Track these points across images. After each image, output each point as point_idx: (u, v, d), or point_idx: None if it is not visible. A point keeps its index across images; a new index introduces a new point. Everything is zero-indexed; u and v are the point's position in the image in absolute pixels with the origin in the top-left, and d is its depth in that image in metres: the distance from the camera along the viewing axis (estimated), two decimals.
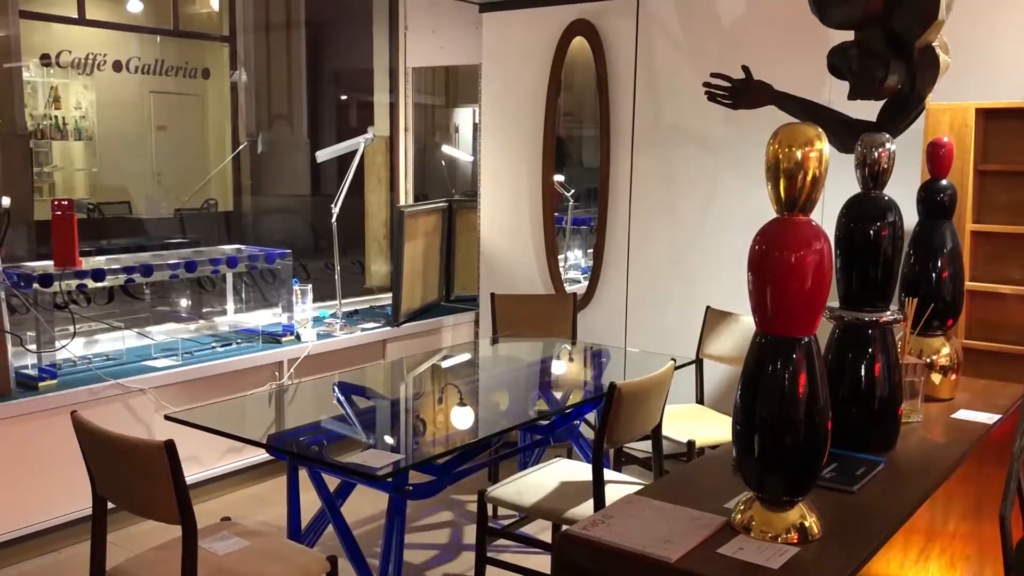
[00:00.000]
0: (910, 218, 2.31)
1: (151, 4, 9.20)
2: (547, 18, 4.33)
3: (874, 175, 2.06)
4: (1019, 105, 2.85)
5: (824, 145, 1.57)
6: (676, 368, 2.86)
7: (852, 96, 2.68)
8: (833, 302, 2.00)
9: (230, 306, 4.34)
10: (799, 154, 1.54)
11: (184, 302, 4.51)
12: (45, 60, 8.14)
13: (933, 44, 2.51)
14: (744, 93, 3.11)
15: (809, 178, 1.55)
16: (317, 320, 4.34)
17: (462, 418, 2.97)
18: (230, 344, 4.01)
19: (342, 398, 3.24)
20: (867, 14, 2.60)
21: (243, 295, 4.36)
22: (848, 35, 2.69)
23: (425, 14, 4.92)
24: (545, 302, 4.24)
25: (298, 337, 4.11)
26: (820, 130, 1.58)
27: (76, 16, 8.38)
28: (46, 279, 3.32)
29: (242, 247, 4.21)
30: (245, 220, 9.30)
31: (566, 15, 4.27)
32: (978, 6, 3.07)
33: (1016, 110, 2.83)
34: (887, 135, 2.09)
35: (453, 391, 3.33)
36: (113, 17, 8.85)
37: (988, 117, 2.85)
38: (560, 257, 4.65)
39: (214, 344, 3.98)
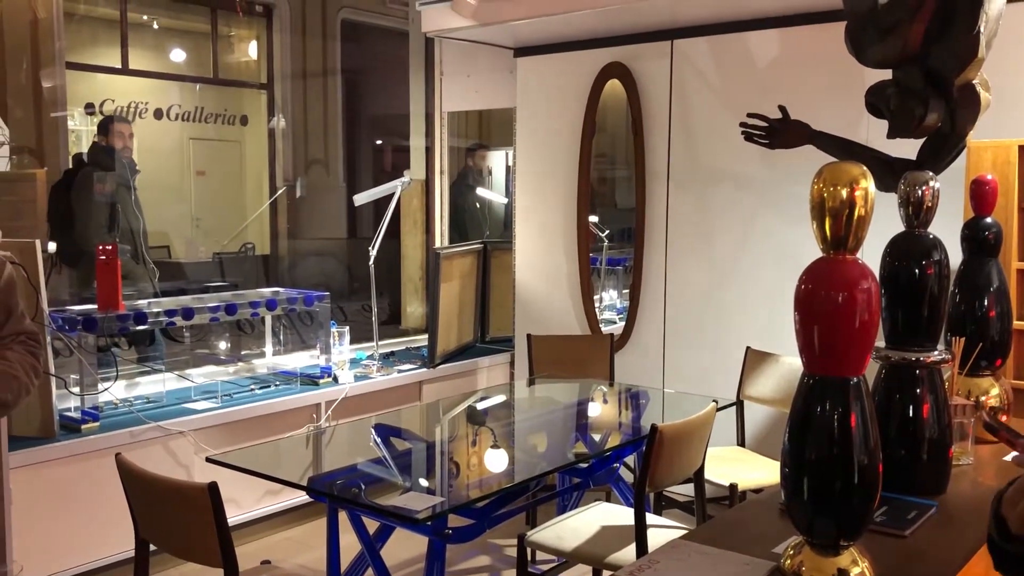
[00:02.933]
0: (954, 256, 2.28)
1: (192, 54, 9.45)
2: (581, 61, 4.38)
3: (918, 213, 2.04)
4: None
5: (869, 183, 1.56)
6: (717, 410, 2.83)
7: (891, 135, 2.66)
8: (878, 342, 1.97)
9: (268, 348, 4.37)
10: (844, 193, 1.53)
11: (223, 345, 4.55)
12: (89, 109, 8.36)
13: (973, 82, 2.49)
14: (781, 133, 3.10)
15: (856, 217, 1.53)
16: (354, 362, 4.36)
17: (500, 461, 2.95)
18: (268, 386, 4.03)
19: (380, 440, 3.24)
20: (905, 53, 2.59)
21: (281, 338, 4.40)
22: (885, 74, 2.68)
23: (460, 59, 4.99)
24: (582, 343, 4.22)
25: (335, 379, 4.13)
26: (865, 168, 1.57)
27: (120, 67, 8.62)
28: (90, 323, 3.37)
29: (280, 290, 4.25)
30: (282, 264, 9.42)
31: (600, 58, 4.31)
32: (1020, 43, 3.05)
33: None
34: (930, 172, 2.07)
35: (490, 433, 3.32)
36: (155, 67, 9.09)
37: None
38: (595, 298, 4.64)
39: (252, 386, 4.01)
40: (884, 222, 2.06)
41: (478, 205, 6.34)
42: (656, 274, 4.25)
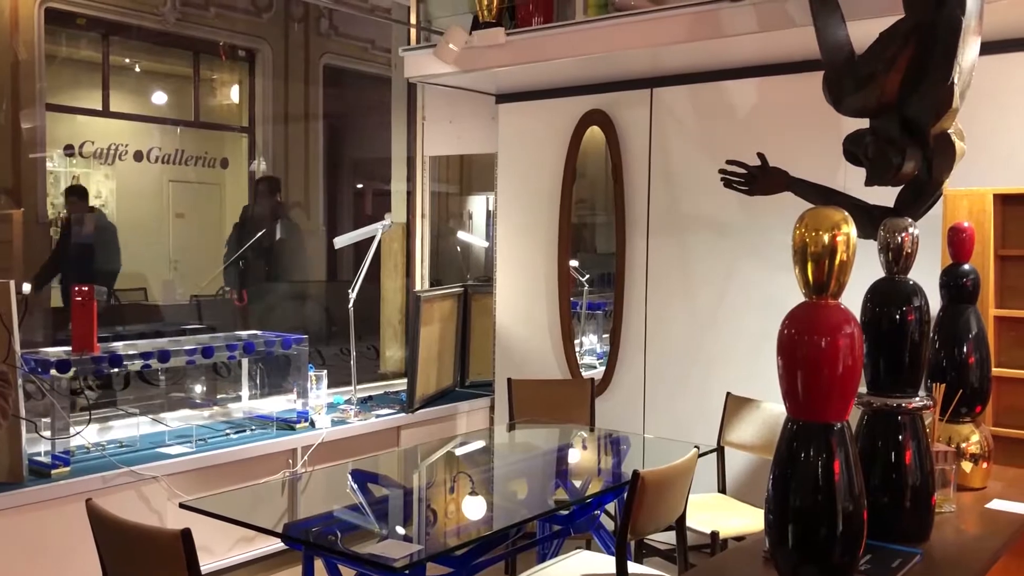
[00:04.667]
0: (933, 302, 2.30)
1: (174, 96, 9.47)
2: (562, 108, 4.42)
3: (898, 259, 2.06)
4: None
5: (851, 228, 1.58)
6: (699, 456, 2.81)
7: (869, 182, 2.70)
8: (860, 387, 1.97)
9: (245, 392, 4.31)
10: (826, 238, 1.54)
11: (199, 388, 4.48)
12: (68, 150, 8.34)
13: (948, 131, 2.53)
14: (760, 179, 3.14)
15: (837, 262, 1.54)
16: (331, 406, 4.31)
17: (479, 508, 2.91)
18: (244, 431, 3.97)
19: (356, 487, 3.18)
20: (882, 102, 2.64)
21: (258, 381, 4.34)
22: (862, 122, 2.73)
23: (442, 104, 5.03)
24: (562, 387, 4.20)
25: (312, 424, 4.08)
26: (846, 214, 1.59)
27: (100, 108, 8.61)
28: (63, 365, 3.31)
29: (258, 333, 4.21)
30: (259, 300, 9.35)
31: (581, 105, 4.35)
32: (993, 94, 3.11)
33: None
34: (909, 219, 2.09)
35: (469, 480, 3.27)
36: (136, 109, 9.10)
37: (1006, 203, 2.86)
38: (576, 342, 4.63)
39: (228, 431, 3.94)
40: (864, 268, 2.07)
41: (458, 248, 6.36)
42: (636, 319, 4.25)
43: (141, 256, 9.20)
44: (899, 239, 2.05)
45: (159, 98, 9.43)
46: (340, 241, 4.51)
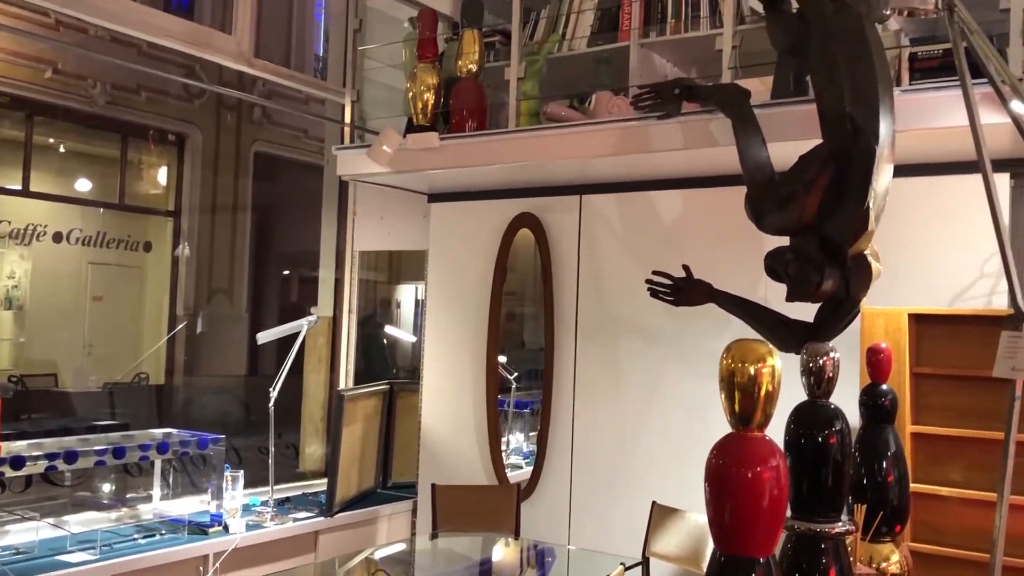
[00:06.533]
0: (851, 417, 2.34)
1: (98, 178, 9.32)
2: (494, 210, 4.46)
3: (820, 383, 2.10)
4: (947, 312, 2.97)
5: (776, 361, 1.60)
6: (625, 570, 2.77)
7: (790, 298, 2.76)
8: None
9: (156, 492, 4.12)
10: (752, 370, 1.56)
11: (107, 487, 4.28)
12: None
13: (865, 252, 2.62)
14: (685, 291, 3.20)
15: (763, 393, 1.56)
16: (247, 508, 4.14)
17: None
18: (153, 535, 3.77)
19: None
20: (802, 222, 2.73)
21: (170, 481, 4.16)
22: (784, 239, 2.81)
23: (374, 201, 5.04)
24: (487, 494, 4.13)
25: (226, 528, 3.90)
26: (771, 347, 1.61)
27: (20, 188, 8.40)
28: None
29: (173, 431, 4.05)
30: (177, 395, 9.06)
31: (512, 208, 4.40)
32: (907, 219, 3.25)
33: (945, 316, 2.95)
34: (831, 344, 2.14)
35: None
36: (59, 190, 8.91)
37: (920, 322, 2.96)
38: (503, 440, 4.58)
39: (136, 535, 3.74)
40: (786, 383, 2.10)
41: (385, 341, 6.29)
42: (564, 422, 4.23)
43: (53, 340, 8.87)
44: (821, 363, 2.10)
45: (83, 180, 9.27)
46: (263, 337, 4.41)
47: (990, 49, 2.45)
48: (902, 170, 2.78)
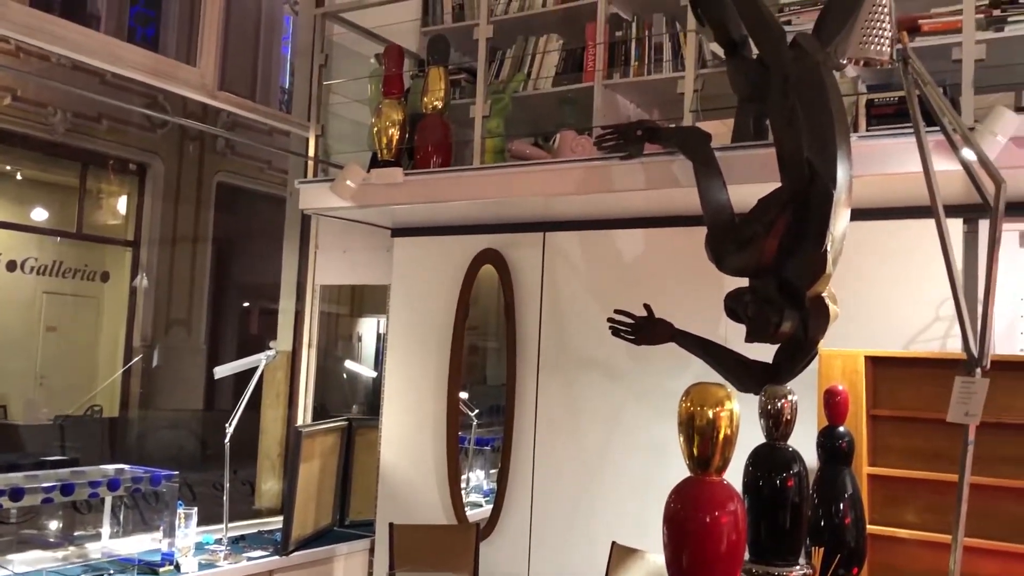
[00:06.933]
0: (808, 458, 2.35)
1: (56, 207, 9.18)
2: (457, 245, 4.46)
3: (778, 425, 2.11)
4: (902, 355, 3.02)
5: (735, 404, 1.60)
6: None
7: (750, 339, 2.78)
8: None
9: (106, 530, 4.01)
10: (711, 413, 1.56)
11: (55, 525, 4.16)
12: None
13: (823, 294, 2.66)
14: (646, 330, 3.21)
15: (721, 437, 1.56)
16: (200, 547, 4.05)
17: None
18: (101, 575, 3.67)
19: None
20: (761, 264, 2.76)
21: (121, 518, 4.06)
22: (744, 280, 2.84)
23: (337, 234, 5.01)
24: (446, 533, 4.08)
25: (177, 567, 3.81)
26: (730, 390, 1.62)
27: None
28: None
29: (125, 467, 3.96)
30: (131, 429, 8.87)
31: (476, 244, 4.40)
32: (864, 262, 3.30)
33: (900, 359, 2.99)
34: (788, 387, 2.16)
35: None
36: (15, 218, 8.75)
37: (876, 364, 3.00)
38: (463, 477, 4.53)
39: (83, 575, 3.64)
40: (744, 426, 2.11)
41: (345, 376, 6.22)
42: (524, 460, 4.21)
43: (3, 371, 8.67)
44: (779, 405, 2.11)
45: (40, 208, 9.12)
46: (220, 371, 4.34)
47: (942, 100, 2.51)
48: (859, 214, 2.84)
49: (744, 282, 2.83)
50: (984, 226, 2.93)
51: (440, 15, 4.49)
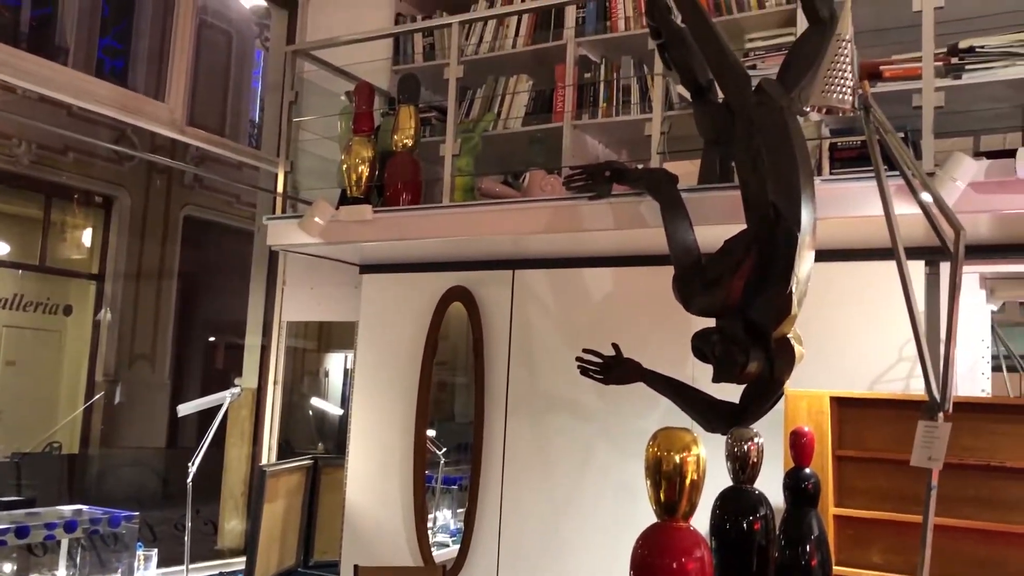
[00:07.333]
0: (776, 500, 2.36)
1: (19, 239, 9.05)
2: (426, 283, 4.45)
3: (744, 468, 2.11)
4: (867, 395, 3.04)
5: (701, 449, 1.60)
6: None
7: (716, 379, 2.79)
8: None
9: (62, 573, 3.91)
10: (678, 459, 1.56)
11: (9, 568, 4.04)
12: None
13: (788, 335, 2.68)
14: (614, 370, 3.21)
15: (688, 482, 1.56)
16: None
17: None
18: None
19: None
20: (727, 304, 2.78)
21: (78, 560, 3.95)
22: (711, 320, 2.85)
23: (304, 271, 4.98)
24: (412, 575, 4.02)
25: None
26: (696, 435, 1.62)
27: None
28: None
29: (83, 508, 3.87)
30: (91, 467, 8.68)
31: (444, 281, 4.39)
32: (828, 303, 3.33)
33: (865, 400, 3.01)
34: (755, 430, 2.17)
35: None
36: None
37: (841, 405, 3.02)
38: (430, 516, 4.48)
39: None
40: (710, 469, 2.11)
41: (310, 413, 6.16)
42: (492, 499, 4.17)
43: None
44: (745, 448, 2.11)
45: (2, 241, 8.99)
46: (184, 409, 4.28)
47: (902, 148, 2.56)
48: (824, 255, 2.87)
49: (711, 322, 2.84)
50: (946, 268, 2.98)
51: (411, 54, 4.53)
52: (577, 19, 4.03)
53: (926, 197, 2.61)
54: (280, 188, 4.59)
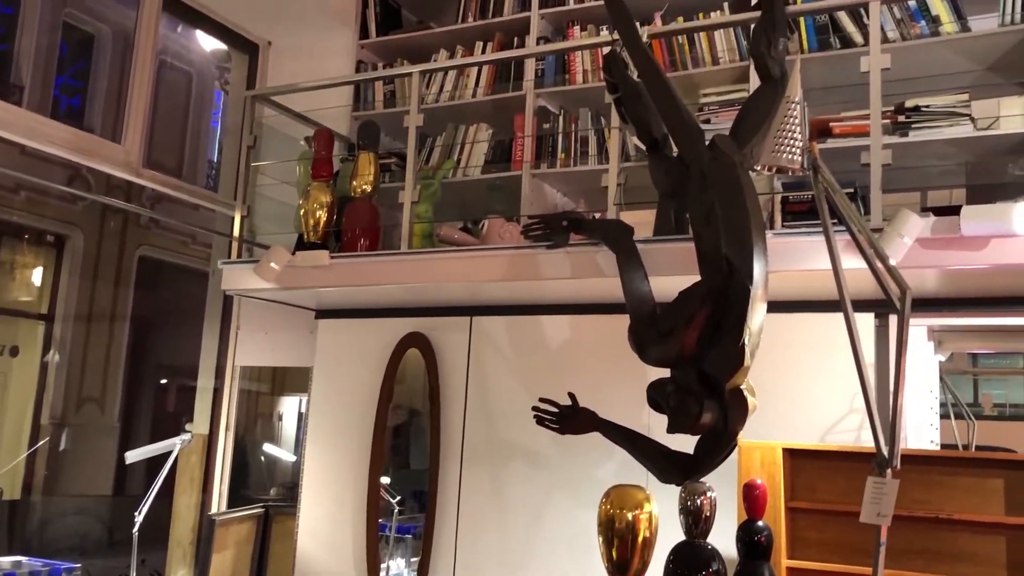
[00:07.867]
0: (729, 553, 2.35)
1: None
2: (382, 328, 4.42)
3: (697, 522, 2.11)
4: (818, 447, 3.07)
5: (653, 507, 1.60)
6: None
7: (671, 430, 2.80)
8: None
9: None
10: (630, 516, 1.56)
11: None
12: None
13: (741, 387, 2.70)
14: (570, 419, 3.21)
15: (640, 540, 1.56)
16: None
17: None
18: None
19: None
20: (682, 355, 2.80)
21: None
22: (666, 370, 2.87)
23: (259, 315, 4.93)
24: None
25: None
26: (649, 492, 1.62)
27: None
28: None
29: (23, 559, 3.75)
30: (33, 514, 8.41)
31: (401, 327, 4.37)
32: (781, 354, 3.38)
33: (816, 452, 3.04)
34: (708, 484, 2.17)
35: None
36: None
37: (793, 456, 3.04)
38: (383, 566, 4.40)
39: None
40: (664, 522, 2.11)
41: (263, 458, 6.05)
42: (447, 549, 4.12)
43: None
44: (698, 502, 2.12)
45: None
46: (132, 456, 4.18)
47: (849, 207, 2.62)
48: (776, 307, 2.91)
49: (667, 372, 2.86)
50: (895, 320, 3.03)
51: (371, 101, 4.55)
52: (536, 71, 4.09)
53: (871, 255, 2.66)
54: (236, 232, 4.55)
